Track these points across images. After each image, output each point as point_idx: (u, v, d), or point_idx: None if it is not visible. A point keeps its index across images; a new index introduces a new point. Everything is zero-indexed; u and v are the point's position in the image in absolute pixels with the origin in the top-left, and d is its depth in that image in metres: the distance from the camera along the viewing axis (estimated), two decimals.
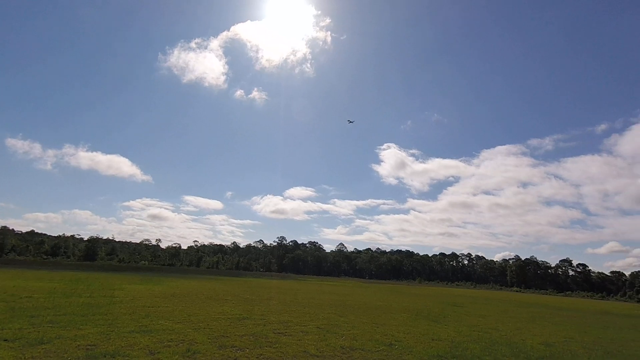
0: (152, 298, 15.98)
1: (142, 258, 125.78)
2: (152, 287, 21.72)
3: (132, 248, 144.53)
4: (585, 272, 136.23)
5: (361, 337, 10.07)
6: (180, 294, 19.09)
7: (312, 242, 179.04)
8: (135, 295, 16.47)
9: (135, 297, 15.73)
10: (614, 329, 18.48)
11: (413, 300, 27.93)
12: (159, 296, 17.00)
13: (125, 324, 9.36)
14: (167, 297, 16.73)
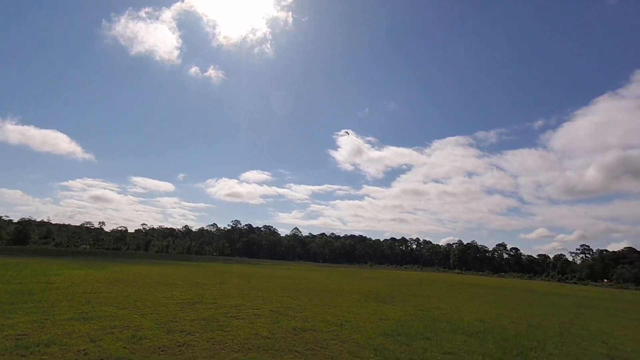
0: (94, 284, 15.04)
1: (82, 242, 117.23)
2: (94, 273, 20.41)
3: (71, 231, 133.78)
4: (517, 255, 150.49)
5: (313, 319, 10.32)
6: (126, 279, 18.16)
7: (267, 226, 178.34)
8: (74, 281, 15.39)
9: (75, 283, 14.70)
10: (538, 305, 20.72)
11: (363, 283, 29.08)
12: (102, 282, 16.04)
13: (62, 312, 8.74)
14: (110, 283, 15.84)
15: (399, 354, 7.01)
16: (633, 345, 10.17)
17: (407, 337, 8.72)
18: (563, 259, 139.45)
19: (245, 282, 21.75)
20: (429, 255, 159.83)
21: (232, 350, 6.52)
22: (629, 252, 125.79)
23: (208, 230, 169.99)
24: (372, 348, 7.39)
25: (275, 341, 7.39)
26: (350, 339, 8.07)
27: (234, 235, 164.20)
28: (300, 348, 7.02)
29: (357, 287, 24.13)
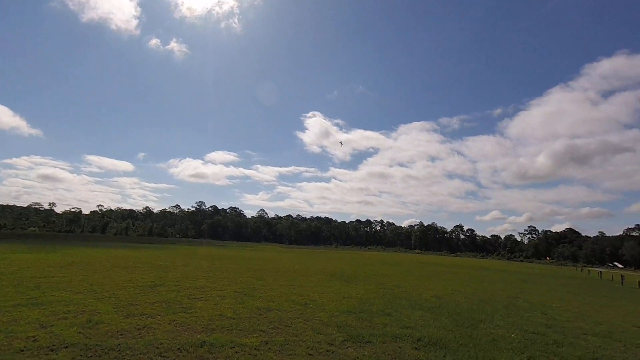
0: (45, 268, 14.17)
1: (30, 224, 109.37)
2: (44, 256, 19.21)
3: (16, 212, 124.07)
4: (473, 236, 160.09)
5: (278, 299, 10.45)
6: (81, 262, 17.29)
7: (233, 208, 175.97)
8: (22, 266, 14.42)
9: (22, 268, 13.77)
10: (488, 281, 22.33)
11: (329, 264, 29.72)
12: (54, 265, 15.16)
13: (8, 298, 8.20)
14: (63, 267, 15.01)
15: (360, 330, 7.31)
16: (567, 315, 11.29)
17: (369, 313, 9.08)
18: (512, 239, 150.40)
19: (210, 264, 21.46)
20: (392, 237, 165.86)
21: (195, 332, 6.47)
22: (569, 233, 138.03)
23: (171, 212, 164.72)
24: (335, 325, 7.64)
25: (239, 321, 7.42)
26: (314, 317, 8.28)
27: (199, 217, 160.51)
28: (265, 327, 7.10)
29: (322, 267, 24.63)
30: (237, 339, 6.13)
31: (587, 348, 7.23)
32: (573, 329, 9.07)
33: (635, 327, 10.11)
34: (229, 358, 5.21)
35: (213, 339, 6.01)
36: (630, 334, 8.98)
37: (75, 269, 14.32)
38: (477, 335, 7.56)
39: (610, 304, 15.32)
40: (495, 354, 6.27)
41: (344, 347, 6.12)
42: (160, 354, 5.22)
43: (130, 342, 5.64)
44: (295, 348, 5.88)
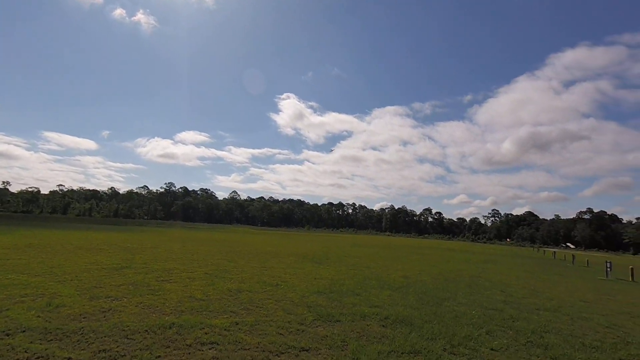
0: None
1: None
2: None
3: None
4: (440, 218, 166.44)
5: (249, 280, 10.45)
6: (39, 244, 16.43)
7: (204, 189, 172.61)
8: None
9: None
10: (454, 262, 23.43)
11: (300, 246, 30.01)
12: (9, 247, 14.31)
13: None
14: (20, 249, 14.20)
15: (330, 309, 7.47)
16: (523, 292, 12.09)
17: (339, 294, 9.30)
18: (477, 222, 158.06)
19: (180, 246, 21.06)
20: (363, 219, 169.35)
21: (163, 314, 6.36)
22: (529, 216, 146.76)
23: (138, 193, 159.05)
24: (306, 305, 7.77)
25: (209, 303, 7.37)
26: (285, 298, 8.37)
27: (168, 199, 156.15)
28: (236, 308, 7.10)
29: (294, 249, 24.83)
30: (207, 320, 6.10)
31: (539, 322, 7.80)
32: (527, 305, 9.74)
33: (582, 301, 11.01)
34: (198, 339, 5.18)
35: (182, 321, 5.94)
36: (576, 308, 9.77)
37: (33, 251, 13.60)
38: (441, 313, 7.94)
39: (561, 281, 16.55)
40: (457, 329, 6.63)
41: (314, 326, 6.25)
42: (126, 336, 5.10)
43: (94, 325, 5.46)
44: (265, 328, 5.94)
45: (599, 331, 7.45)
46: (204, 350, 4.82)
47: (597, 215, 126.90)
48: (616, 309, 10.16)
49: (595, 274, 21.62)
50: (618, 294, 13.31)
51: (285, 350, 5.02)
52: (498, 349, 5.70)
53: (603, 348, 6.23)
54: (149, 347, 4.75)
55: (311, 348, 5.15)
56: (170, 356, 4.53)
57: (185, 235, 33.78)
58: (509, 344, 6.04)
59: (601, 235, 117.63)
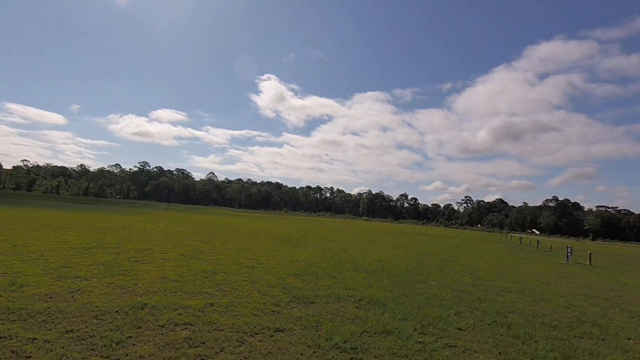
0: None
1: None
2: None
3: None
4: (416, 204, 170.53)
5: (225, 262, 10.39)
6: (1, 221, 15.62)
7: (180, 170, 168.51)
8: None
9: None
10: (426, 246, 24.19)
11: (278, 228, 30.06)
12: None
13: None
14: None
15: (305, 291, 7.56)
16: (491, 275, 12.68)
17: (315, 276, 9.41)
18: (450, 208, 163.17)
19: (154, 226, 20.60)
20: (341, 204, 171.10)
21: (135, 294, 6.23)
22: (499, 203, 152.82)
23: (110, 171, 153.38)
24: (282, 287, 7.82)
25: (184, 284, 7.28)
26: (261, 280, 8.39)
27: (142, 178, 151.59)
28: (210, 290, 7.05)
29: (271, 232, 24.84)
30: (181, 301, 6.03)
31: (504, 303, 8.22)
32: (494, 287, 10.23)
33: (544, 284, 11.67)
34: (171, 320, 5.12)
35: (155, 302, 5.84)
36: (539, 290, 10.36)
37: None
38: (413, 294, 8.21)
39: (526, 265, 17.45)
40: (427, 310, 6.88)
41: (289, 308, 6.31)
42: (96, 317, 4.98)
43: (62, 305, 5.29)
44: (240, 309, 5.94)
45: (558, 311, 7.94)
46: (177, 331, 4.77)
47: (561, 204, 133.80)
48: (574, 291, 10.84)
49: (557, 259, 22.94)
50: (576, 277, 14.20)
51: (259, 331, 5.05)
52: (465, 329, 5.97)
53: (560, 327, 6.65)
54: (119, 328, 4.65)
55: (286, 329, 5.21)
56: (142, 337, 4.46)
57: (159, 215, 33.05)
58: (476, 324, 6.33)
59: (564, 222, 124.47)
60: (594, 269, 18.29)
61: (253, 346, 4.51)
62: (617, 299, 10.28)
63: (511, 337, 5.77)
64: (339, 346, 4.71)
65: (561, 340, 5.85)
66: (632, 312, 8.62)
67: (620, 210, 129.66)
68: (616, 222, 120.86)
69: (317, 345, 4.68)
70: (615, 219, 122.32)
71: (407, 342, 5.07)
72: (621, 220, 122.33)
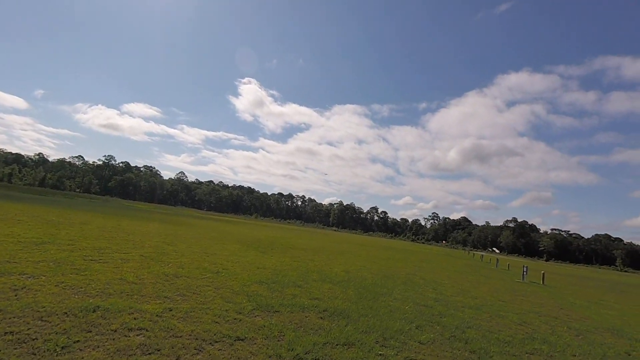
0: None
1: None
2: None
3: None
4: (385, 217, 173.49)
5: (188, 265, 10.03)
6: None
7: (149, 167, 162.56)
8: None
9: None
10: (393, 260, 24.58)
11: (246, 234, 29.52)
12: None
13: None
14: None
15: (270, 300, 7.43)
16: (452, 291, 13.05)
17: (281, 284, 9.28)
18: (418, 223, 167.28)
19: (115, 223, 19.59)
20: (312, 213, 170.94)
21: (87, 295, 5.86)
22: (464, 221, 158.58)
23: (71, 163, 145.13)
24: (246, 294, 7.64)
25: (142, 287, 6.94)
26: (225, 286, 8.16)
27: (106, 172, 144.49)
28: (170, 294, 6.77)
29: (239, 237, 24.35)
30: (137, 305, 5.73)
31: (463, 318, 8.46)
32: (455, 303, 10.52)
33: (500, 301, 12.15)
34: (125, 324, 4.84)
35: (108, 304, 5.52)
36: (495, 307, 10.76)
37: None
38: (377, 307, 8.27)
39: (485, 282, 18.12)
40: (390, 323, 6.95)
41: (252, 316, 6.17)
42: (41, 318, 4.62)
43: (2, 304, 4.87)
44: (201, 315, 5.73)
45: (512, 328, 8.27)
46: (131, 336, 4.52)
47: (520, 225, 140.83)
48: (527, 309, 11.35)
49: (513, 277, 24.00)
50: (530, 296, 14.90)
51: (219, 339, 4.88)
52: (425, 343, 6.07)
53: (514, 343, 6.92)
54: (66, 331, 4.34)
55: (247, 337, 5.08)
56: (91, 341, 4.19)
57: (121, 212, 31.49)
58: (435, 338, 6.46)
59: (522, 243, 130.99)
60: (546, 288, 19.28)
61: (212, 355, 4.35)
62: (566, 317, 10.88)
63: (468, 352, 5.93)
64: (300, 357, 4.64)
65: (514, 356, 6.09)
66: (578, 330, 9.15)
67: (572, 234, 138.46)
68: (568, 244, 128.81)
69: (278, 356, 4.59)
70: (567, 242, 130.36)
71: (369, 355, 5.08)
72: (572, 243, 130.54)
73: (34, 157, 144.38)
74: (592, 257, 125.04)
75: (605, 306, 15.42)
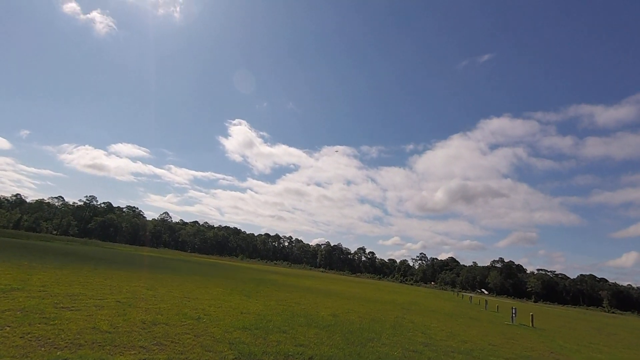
0: None
1: None
2: None
3: None
4: (373, 258, 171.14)
5: (167, 312, 9.56)
6: None
7: (131, 207, 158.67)
8: None
9: None
10: (381, 302, 23.95)
11: (231, 276, 28.55)
12: None
13: None
14: None
15: (253, 347, 7.08)
16: (442, 334, 12.69)
17: (265, 330, 8.89)
18: (406, 264, 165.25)
19: (91, 267, 18.72)
20: (299, 254, 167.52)
21: (55, 347, 5.47)
22: (451, 261, 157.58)
23: (50, 204, 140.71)
24: (228, 342, 7.27)
25: (116, 336, 6.54)
26: (206, 333, 7.76)
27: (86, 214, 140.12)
28: (147, 343, 6.39)
29: (223, 280, 23.51)
30: (109, 357, 5.37)
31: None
32: (445, 347, 10.20)
33: (490, 345, 11.84)
34: None
35: (77, 357, 5.16)
36: (486, 351, 10.46)
37: None
38: (364, 353, 7.95)
39: (475, 324, 17.71)
40: None
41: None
42: None
43: None
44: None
45: None
46: None
47: (506, 265, 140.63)
48: (518, 353, 11.07)
49: (503, 319, 23.56)
50: (520, 339, 14.58)
51: None
52: None
53: None
54: None
55: None
56: None
57: (100, 255, 30.16)
58: None
59: (510, 283, 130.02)
60: (536, 331, 18.95)
61: None
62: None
63: None
64: None
65: None
66: None
67: (558, 274, 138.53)
68: (554, 285, 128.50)
69: None
70: (554, 282, 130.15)
71: None
72: (559, 283, 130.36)
73: (11, 198, 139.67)
74: (579, 298, 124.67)
75: (595, 349, 15.19)
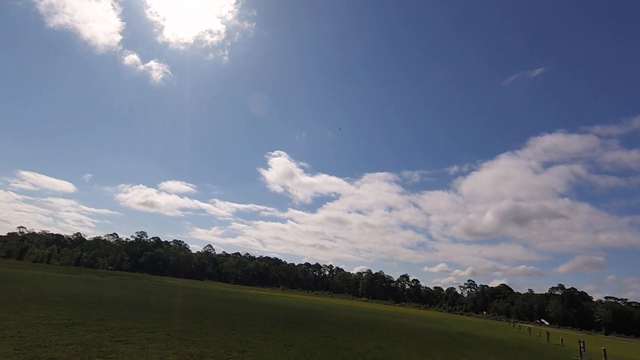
0: None
1: None
2: None
3: None
4: (417, 286, 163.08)
5: (214, 344, 9.68)
6: None
7: (178, 241, 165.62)
8: None
9: None
10: (430, 333, 22.55)
11: (273, 307, 28.45)
12: None
13: None
14: None
15: None
16: None
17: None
18: (454, 292, 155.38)
19: (142, 300, 19.56)
20: (340, 283, 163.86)
21: None
22: (503, 289, 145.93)
23: (106, 241, 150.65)
24: None
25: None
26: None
27: (137, 249, 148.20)
28: None
29: (266, 311, 23.47)
30: None
31: None
32: None
33: None
34: None
35: None
36: None
37: None
38: None
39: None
40: None
41: None
42: None
43: None
44: None
45: None
46: None
47: (568, 292, 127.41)
48: None
49: (570, 354, 21.17)
50: None
51: None
52: None
53: None
54: None
55: None
56: None
57: (149, 289, 31.47)
58: None
59: (574, 313, 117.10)
60: None
61: None
62: None
63: None
64: None
65: None
66: None
67: (630, 303, 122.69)
68: (628, 315, 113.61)
69: None
70: (627, 311, 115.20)
71: None
72: (633, 313, 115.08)
73: (72, 236, 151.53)
74: None
75: None
